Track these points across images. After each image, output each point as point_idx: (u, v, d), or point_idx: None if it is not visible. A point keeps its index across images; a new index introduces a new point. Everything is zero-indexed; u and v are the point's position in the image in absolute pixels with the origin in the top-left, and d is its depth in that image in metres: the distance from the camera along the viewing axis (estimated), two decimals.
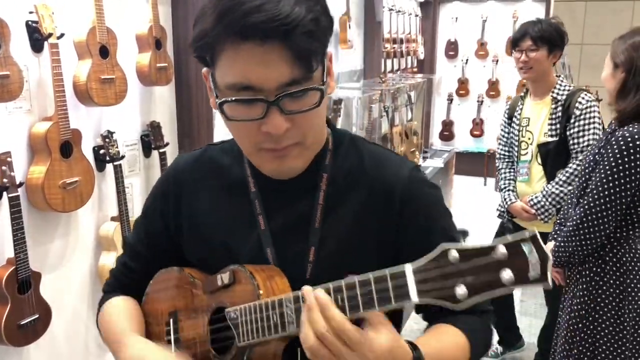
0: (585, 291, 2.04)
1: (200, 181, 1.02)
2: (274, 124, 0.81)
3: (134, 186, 2.57)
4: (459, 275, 0.69)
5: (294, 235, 0.95)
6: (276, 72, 0.79)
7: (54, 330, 2.11)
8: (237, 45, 0.78)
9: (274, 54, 0.77)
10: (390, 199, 0.95)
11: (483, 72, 7.52)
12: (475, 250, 0.68)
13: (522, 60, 2.67)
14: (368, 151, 0.99)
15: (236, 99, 0.81)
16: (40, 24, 1.95)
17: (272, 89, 0.80)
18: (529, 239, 0.67)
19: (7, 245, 1.95)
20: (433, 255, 0.71)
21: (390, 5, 5.88)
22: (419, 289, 0.71)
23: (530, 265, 0.66)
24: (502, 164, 2.97)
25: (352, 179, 0.96)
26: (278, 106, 0.81)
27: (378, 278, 0.74)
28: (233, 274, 0.91)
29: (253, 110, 0.82)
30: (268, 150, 0.86)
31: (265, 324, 0.84)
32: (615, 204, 1.92)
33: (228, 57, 0.80)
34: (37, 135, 2.01)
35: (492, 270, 0.67)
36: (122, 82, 2.28)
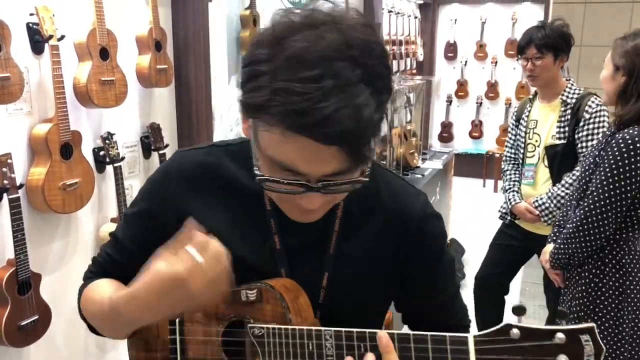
0: (585, 293, 2.04)
1: (207, 191, 0.97)
2: (310, 202, 0.80)
3: (133, 188, 2.57)
4: (518, 353, 0.73)
5: (308, 259, 0.95)
6: (326, 166, 0.76)
7: (53, 331, 2.11)
8: (292, 134, 0.72)
9: (330, 152, 0.73)
10: (406, 230, 0.96)
11: (482, 73, 7.54)
12: (537, 332, 0.73)
13: (529, 68, 2.67)
14: (384, 180, 0.99)
15: (279, 181, 0.78)
16: (41, 25, 1.95)
17: (315, 176, 0.77)
18: (587, 330, 0.71)
19: (8, 246, 1.95)
20: (495, 328, 0.75)
21: (390, 7, 5.89)
22: (477, 358, 0.75)
23: (585, 355, 0.71)
24: (507, 166, 2.96)
25: (368, 208, 0.96)
26: (318, 191, 0.79)
27: (437, 339, 0.78)
28: (260, 293, 0.90)
29: (292, 187, 0.79)
30: (297, 206, 0.84)
31: (298, 350, 0.86)
32: (615, 206, 1.92)
33: (279, 137, 0.74)
34: (38, 136, 2.01)
35: (550, 354, 0.72)
36: (122, 83, 2.28)
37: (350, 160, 0.75)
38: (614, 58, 2.03)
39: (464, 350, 0.75)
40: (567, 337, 0.71)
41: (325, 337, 0.84)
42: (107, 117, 2.37)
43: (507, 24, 7.27)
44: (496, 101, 7.52)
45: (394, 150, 4.21)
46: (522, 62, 2.70)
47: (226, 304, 0.94)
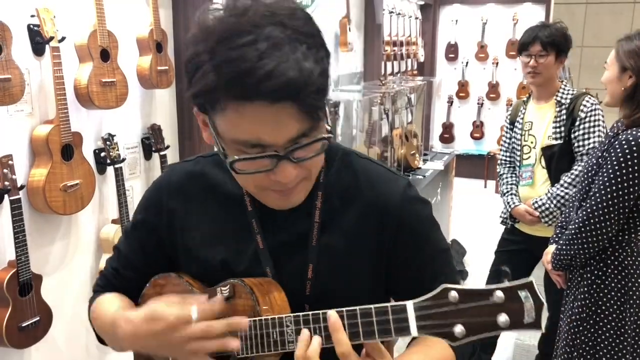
0: (587, 294, 2.04)
1: (195, 198, 1.01)
2: (285, 174, 0.82)
3: (134, 189, 2.57)
4: (458, 315, 0.73)
5: (292, 254, 0.96)
6: (286, 129, 0.78)
7: (54, 332, 2.11)
8: (244, 105, 0.75)
9: (283, 113, 0.76)
10: (386, 217, 0.96)
11: (483, 74, 7.54)
12: (474, 293, 0.73)
13: (531, 65, 2.66)
14: (361, 168, 1.00)
15: (248, 158, 0.80)
16: (42, 27, 1.95)
17: (281, 144, 0.79)
18: (526, 286, 0.71)
19: (9, 247, 1.95)
20: (433, 293, 0.74)
21: (391, 8, 5.89)
22: (418, 325, 0.75)
23: (525, 310, 0.70)
24: (503, 169, 2.96)
25: (347, 196, 0.97)
26: (288, 158, 0.81)
27: (379, 311, 0.78)
28: (233, 288, 0.92)
29: (262, 163, 0.81)
30: (275, 190, 0.87)
31: (265, 340, 0.87)
32: (618, 207, 1.92)
33: (233, 114, 0.77)
34: (39, 138, 2.01)
35: (490, 314, 0.71)
36: (123, 85, 2.28)
37: (306, 117, 0.77)
38: (620, 59, 2.00)
39: (404, 318, 0.75)
40: (505, 295, 0.70)
41: (286, 323, 0.85)
42: (108, 118, 2.37)
43: (508, 24, 7.27)
44: (497, 102, 7.52)
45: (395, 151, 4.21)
46: (524, 59, 2.70)
47: None
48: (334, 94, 4.40)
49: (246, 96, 0.74)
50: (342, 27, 4.51)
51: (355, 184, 0.98)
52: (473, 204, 6.31)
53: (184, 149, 2.80)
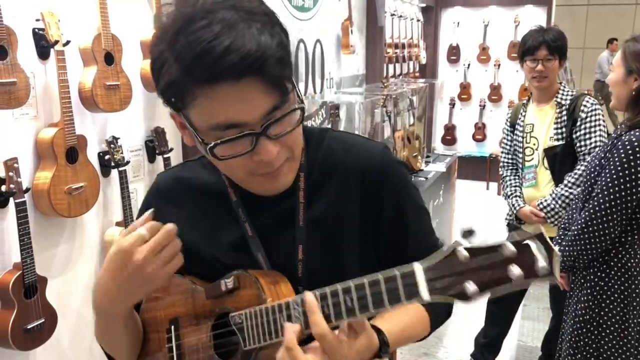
0: (590, 296, 2.04)
1: (183, 201, 1.03)
2: (266, 152, 0.82)
3: (138, 192, 2.58)
4: (469, 273, 0.70)
5: (280, 237, 0.97)
6: (256, 104, 0.79)
7: (59, 334, 2.11)
8: (211, 87, 0.77)
9: (250, 88, 0.77)
10: (367, 178, 0.97)
11: (485, 76, 7.55)
12: (484, 249, 0.70)
13: (538, 69, 2.68)
14: (336, 140, 1.01)
15: (226, 140, 0.81)
16: (47, 31, 1.97)
17: (256, 121, 0.80)
18: (536, 236, 0.69)
19: (14, 250, 1.96)
20: (443, 254, 0.72)
21: (392, 10, 5.91)
22: (430, 287, 0.72)
23: (537, 261, 0.67)
24: (506, 172, 2.97)
25: (326, 168, 0.98)
26: (266, 135, 0.81)
27: (387, 278, 0.75)
28: (237, 279, 0.92)
29: (241, 145, 0.82)
30: (262, 174, 0.87)
31: (272, 327, 0.85)
32: (621, 208, 1.92)
33: (203, 101, 0.78)
34: (44, 141, 2.02)
35: (501, 267, 0.69)
36: (127, 88, 2.29)
37: (274, 89, 0.78)
38: (627, 61, 2.00)
39: (413, 282, 0.73)
40: (516, 248, 0.68)
41: (293, 306, 0.83)
42: (112, 121, 2.38)
43: (510, 26, 7.28)
44: (499, 104, 7.52)
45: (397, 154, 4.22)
46: (530, 64, 2.71)
47: (210, 300, 0.96)
48: (336, 96, 4.42)
49: (209, 77, 0.76)
50: (344, 29, 4.52)
51: (333, 154, 0.99)
52: (475, 205, 6.31)
53: (187, 151, 2.81)
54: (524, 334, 3.64)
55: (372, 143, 1.03)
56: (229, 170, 0.90)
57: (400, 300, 0.74)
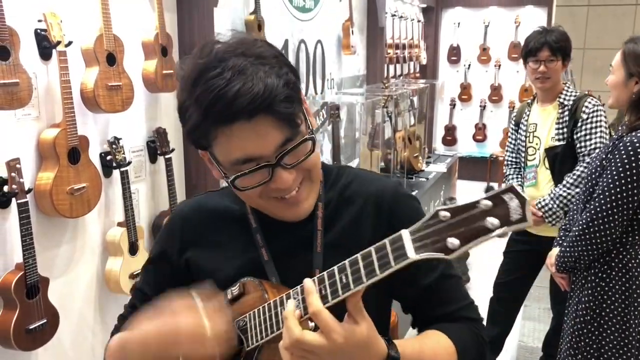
0: (591, 296, 2.04)
1: (204, 226, 1.08)
2: (282, 181, 0.90)
3: (140, 192, 2.58)
4: (451, 229, 0.75)
5: (296, 262, 1.00)
6: (269, 139, 0.87)
7: (60, 334, 2.12)
8: (227, 127, 0.86)
9: (262, 125, 0.86)
10: (380, 208, 1.03)
11: (485, 77, 7.55)
12: (463, 207, 0.75)
13: (541, 70, 2.69)
14: (353, 174, 1.09)
15: (244, 173, 0.89)
16: (49, 32, 1.97)
17: (270, 153, 0.88)
18: (509, 189, 0.73)
19: (16, 250, 1.97)
20: (427, 217, 0.77)
21: (393, 11, 5.91)
22: (415, 247, 0.76)
23: (511, 209, 0.72)
24: (509, 170, 3.00)
25: (343, 199, 1.05)
26: (280, 165, 0.89)
27: (378, 247, 0.79)
28: (242, 286, 0.96)
29: (259, 175, 0.90)
30: (281, 199, 0.94)
31: (272, 321, 0.88)
32: (622, 209, 1.92)
33: (223, 139, 0.88)
34: (46, 141, 2.03)
35: (479, 220, 0.74)
36: (128, 89, 2.30)
37: (284, 124, 0.87)
38: (627, 64, 2.01)
39: (400, 245, 0.77)
40: (491, 202, 0.73)
41: (293, 296, 0.86)
42: (113, 121, 2.39)
43: (511, 27, 7.28)
44: (500, 104, 7.53)
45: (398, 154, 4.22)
46: (533, 65, 2.72)
47: None
48: (337, 96, 4.42)
49: (225, 119, 0.85)
50: (345, 30, 4.52)
51: (350, 186, 1.06)
52: None
53: (189, 152, 2.82)
54: (524, 335, 3.65)
55: (387, 178, 1.12)
56: (251, 200, 0.97)
57: (390, 264, 0.77)
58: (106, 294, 2.41)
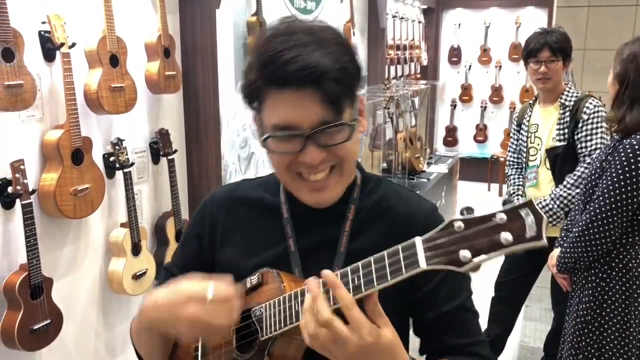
0: (592, 297, 2.05)
1: (235, 212, 1.11)
2: (310, 156, 0.92)
3: (142, 193, 2.59)
4: (464, 241, 0.74)
5: (320, 257, 1.01)
6: (310, 112, 0.90)
7: (64, 335, 2.13)
8: (278, 92, 0.90)
9: (308, 99, 0.89)
10: (411, 229, 0.99)
11: (486, 77, 7.56)
12: (477, 219, 0.75)
13: (542, 71, 2.70)
14: (393, 189, 1.10)
15: (277, 135, 0.93)
16: (53, 33, 1.98)
17: (307, 127, 0.91)
18: (525, 205, 0.73)
19: (20, 251, 1.98)
20: (441, 226, 0.77)
21: (394, 12, 5.92)
22: (427, 256, 0.76)
23: (527, 226, 0.71)
24: (511, 170, 3.01)
25: (377, 211, 1.05)
26: (313, 140, 0.91)
27: (391, 253, 0.80)
28: (261, 276, 0.98)
29: (292, 145, 0.93)
30: (306, 180, 0.96)
31: (287, 313, 0.89)
32: (621, 210, 1.93)
33: (270, 103, 0.92)
34: (50, 143, 2.04)
35: (493, 234, 0.73)
36: (131, 90, 2.31)
37: (328, 105, 0.89)
38: (614, 65, 2.05)
39: (413, 253, 0.77)
40: (507, 216, 0.72)
41: (307, 292, 0.86)
42: (116, 123, 2.40)
43: (511, 28, 7.29)
44: (500, 105, 7.53)
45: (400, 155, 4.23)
46: (534, 66, 2.73)
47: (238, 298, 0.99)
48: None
49: (275, 80, 0.89)
50: (347, 31, 4.53)
51: (386, 200, 1.07)
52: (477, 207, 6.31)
53: (191, 153, 2.83)
54: (526, 335, 3.65)
55: (424, 200, 1.10)
56: (279, 170, 0.99)
57: (401, 271, 0.77)
58: (109, 295, 2.42)
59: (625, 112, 1.97)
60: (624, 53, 2.00)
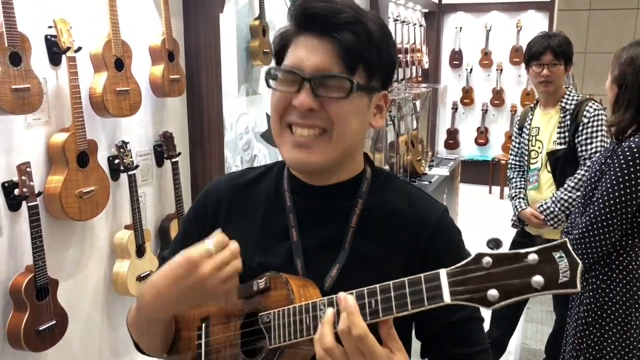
0: (593, 298, 2.07)
1: (238, 201, 1.08)
2: (302, 99, 0.90)
3: (146, 195, 2.61)
4: (492, 280, 0.71)
5: (323, 252, 0.99)
6: (318, 59, 0.90)
7: (69, 336, 2.14)
8: (300, 35, 0.92)
9: (323, 47, 0.90)
10: (420, 234, 0.99)
11: (487, 81, 7.58)
12: (508, 256, 0.71)
13: (544, 74, 2.72)
14: (403, 188, 1.06)
15: (281, 74, 0.94)
16: (59, 38, 2.00)
17: (310, 71, 0.90)
18: (560, 247, 0.70)
19: (26, 252, 2.00)
20: (468, 260, 0.74)
21: (395, 16, 5.95)
22: (451, 291, 0.74)
23: (560, 271, 0.68)
24: (513, 173, 3.03)
25: (386, 210, 1.01)
26: (310, 84, 0.90)
27: (412, 281, 0.77)
28: (269, 280, 0.95)
29: (290, 86, 0.92)
30: (293, 134, 0.94)
31: (297, 327, 0.87)
32: (620, 213, 1.95)
33: (292, 48, 0.94)
34: (55, 145, 2.06)
35: (524, 276, 0.70)
36: (136, 93, 2.33)
37: (341, 60, 0.89)
38: (612, 68, 2.07)
39: (436, 286, 0.74)
40: (539, 257, 0.69)
41: (319, 307, 0.85)
42: (121, 126, 2.42)
43: (512, 31, 7.32)
44: (501, 108, 7.56)
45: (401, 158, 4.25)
46: (536, 69, 2.75)
47: (241, 300, 0.99)
48: None
49: (299, 19, 0.92)
50: None
51: (396, 200, 1.02)
52: (478, 209, 6.34)
53: (195, 155, 2.85)
54: (527, 337, 3.66)
55: (435, 202, 1.06)
56: (274, 112, 0.97)
57: (422, 302, 0.75)
58: (113, 296, 2.44)
59: (623, 114, 1.99)
60: (622, 57, 2.02)
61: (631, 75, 1.98)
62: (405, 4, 6.31)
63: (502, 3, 7.34)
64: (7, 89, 1.79)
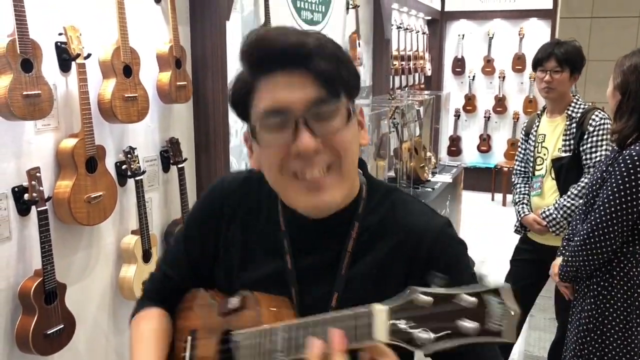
0: (594, 305, 2.08)
1: (238, 211, 1.04)
2: (305, 142, 0.82)
3: (153, 200, 2.64)
4: (425, 320, 0.66)
5: (319, 278, 0.95)
6: (301, 92, 0.82)
7: (76, 340, 2.16)
8: (265, 78, 0.85)
9: (297, 79, 0.83)
10: (419, 249, 0.93)
11: (490, 88, 7.61)
12: (442, 295, 0.66)
13: (546, 80, 2.75)
14: (401, 201, 0.99)
15: (267, 123, 0.84)
16: (69, 44, 2.03)
17: (299, 107, 0.83)
18: (498, 291, 0.64)
19: (35, 257, 2.02)
20: (403, 296, 0.70)
21: (398, 23, 5.98)
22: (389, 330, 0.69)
23: (493, 317, 0.63)
24: (517, 179, 3.05)
25: (383, 228, 0.95)
26: (306, 124, 0.83)
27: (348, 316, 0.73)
28: (243, 299, 0.93)
29: (283, 134, 0.84)
30: (302, 179, 0.86)
31: (260, 349, 0.84)
32: (621, 220, 1.97)
33: (258, 93, 0.86)
34: (64, 151, 2.08)
35: (454, 318, 0.65)
36: (144, 100, 2.35)
37: (323, 84, 0.83)
38: (614, 76, 2.09)
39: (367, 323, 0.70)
40: (472, 299, 0.64)
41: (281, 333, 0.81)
42: (128, 132, 2.44)
43: (514, 39, 7.35)
44: (504, 115, 7.58)
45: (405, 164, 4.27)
46: (539, 75, 2.78)
47: (220, 316, 0.97)
48: None
49: (259, 63, 0.84)
50: (352, 42, 4.59)
51: (393, 216, 0.96)
52: (481, 216, 6.35)
53: (201, 161, 2.87)
54: (530, 344, 3.67)
55: (437, 215, 0.99)
56: (270, 169, 0.89)
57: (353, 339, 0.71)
58: (120, 301, 2.46)
59: (626, 122, 2.01)
60: (625, 64, 2.05)
61: (634, 83, 2.00)
62: (408, 11, 6.35)
63: (505, 11, 7.38)
64: (18, 95, 1.82)
